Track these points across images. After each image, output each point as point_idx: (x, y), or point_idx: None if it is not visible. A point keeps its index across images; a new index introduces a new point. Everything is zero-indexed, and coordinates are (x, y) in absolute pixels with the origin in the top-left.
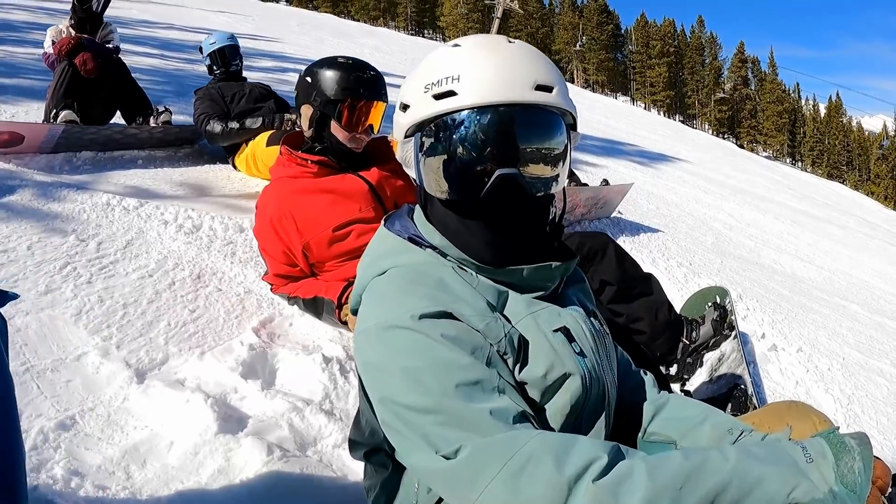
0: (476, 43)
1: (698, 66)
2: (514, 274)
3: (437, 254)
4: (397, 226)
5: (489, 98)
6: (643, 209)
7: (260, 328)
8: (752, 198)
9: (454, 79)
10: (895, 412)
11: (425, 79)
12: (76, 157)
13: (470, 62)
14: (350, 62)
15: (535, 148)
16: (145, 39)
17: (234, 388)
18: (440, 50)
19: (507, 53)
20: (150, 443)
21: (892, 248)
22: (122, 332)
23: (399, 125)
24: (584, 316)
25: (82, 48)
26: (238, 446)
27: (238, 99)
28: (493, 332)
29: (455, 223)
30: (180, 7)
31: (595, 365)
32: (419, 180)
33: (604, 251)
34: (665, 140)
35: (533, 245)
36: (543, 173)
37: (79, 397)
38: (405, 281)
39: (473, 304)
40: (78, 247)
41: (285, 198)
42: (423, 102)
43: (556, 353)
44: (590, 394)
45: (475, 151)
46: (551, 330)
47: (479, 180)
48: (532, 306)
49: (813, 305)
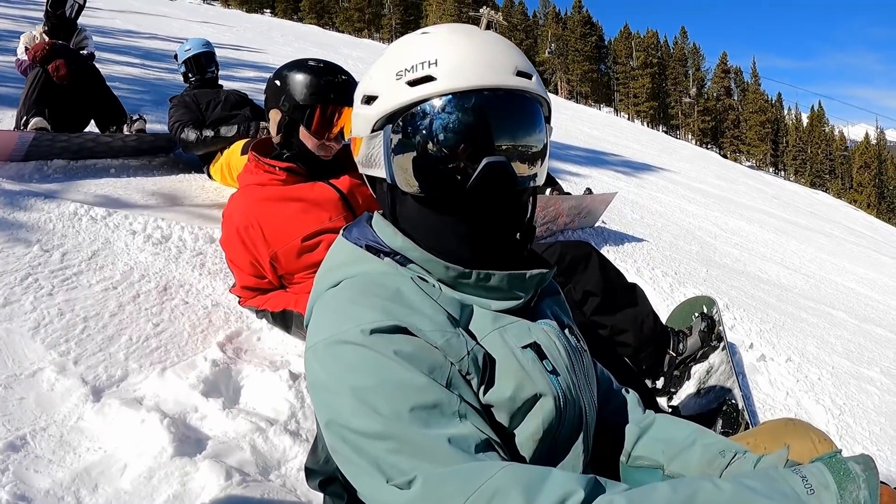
0: (450, 28)
1: (681, 77)
2: (485, 281)
3: (397, 262)
4: (355, 234)
5: (473, 82)
6: (627, 218)
7: (226, 343)
8: (737, 206)
9: (431, 63)
10: (887, 421)
11: (395, 66)
12: (47, 165)
13: (447, 46)
14: (321, 65)
15: (520, 136)
16: (128, 49)
17: (194, 406)
18: (407, 38)
19: (484, 38)
20: (102, 465)
21: (877, 255)
22: (81, 346)
23: (364, 119)
24: (558, 330)
25: (56, 54)
26: (195, 470)
27: (213, 106)
28: (454, 350)
29: (428, 221)
30: (164, 17)
31: (570, 384)
32: (389, 177)
33: (587, 261)
34: (649, 150)
35: (509, 245)
36: (529, 164)
37: (31, 416)
38: (357, 292)
39: (433, 318)
40: (41, 257)
41: (252, 206)
42: (394, 91)
43: (525, 372)
44: (564, 416)
45: (459, 139)
46: (520, 346)
47: (463, 171)
48: (499, 321)
49: (800, 314)
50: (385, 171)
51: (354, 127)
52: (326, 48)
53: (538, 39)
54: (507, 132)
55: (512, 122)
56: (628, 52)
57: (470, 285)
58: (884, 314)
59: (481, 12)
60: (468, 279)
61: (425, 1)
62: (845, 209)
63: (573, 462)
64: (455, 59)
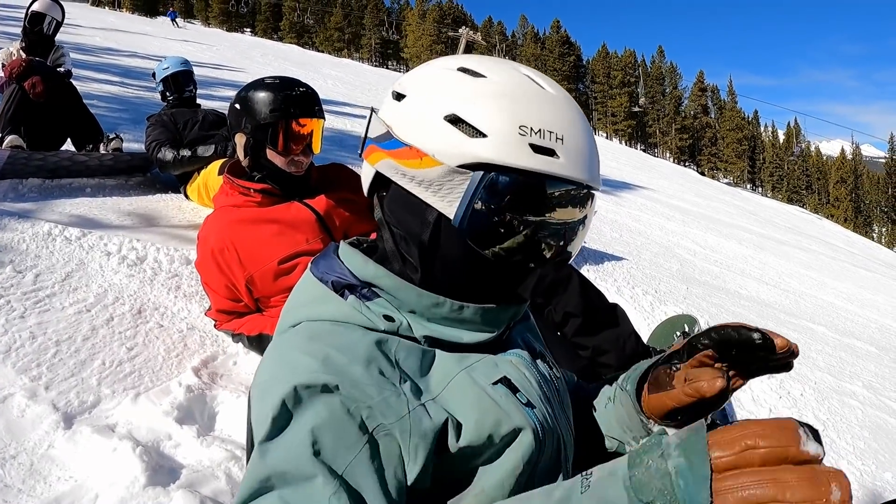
0: (568, 100)
1: (659, 96)
2: (458, 312)
3: (363, 297)
4: (322, 268)
5: (586, 177)
6: (607, 237)
7: (201, 367)
8: (715, 223)
9: (558, 137)
10: (871, 435)
11: (518, 116)
12: (22, 184)
13: (569, 125)
14: (277, 81)
15: (583, 227)
16: (107, 67)
17: (167, 434)
18: (523, 82)
19: (588, 126)
20: (73, 496)
21: (854, 269)
22: (53, 371)
23: (454, 146)
24: (528, 361)
25: (32, 71)
26: (168, 500)
27: (191, 126)
28: (392, 409)
29: (468, 266)
30: (144, 36)
31: (546, 415)
32: (456, 221)
33: (567, 282)
34: (627, 168)
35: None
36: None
37: (1, 443)
38: (307, 338)
39: (373, 375)
40: (14, 279)
41: (227, 228)
42: (515, 146)
43: (500, 408)
44: (544, 448)
45: (556, 227)
46: (490, 384)
47: (539, 249)
48: (464, 361)
49: (781, 330)
50: (455, 213)
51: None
52: (307, 67)
53: (517, 60)
54: (580, 223)
55: (585, 214)
56: (606, 72)
57: (442, 315)
58: (863, 327)
59: (460, 32)
60: (441, 308)
61: (405, 21)
62: (822, 224)
63: None
64: (576, 145)
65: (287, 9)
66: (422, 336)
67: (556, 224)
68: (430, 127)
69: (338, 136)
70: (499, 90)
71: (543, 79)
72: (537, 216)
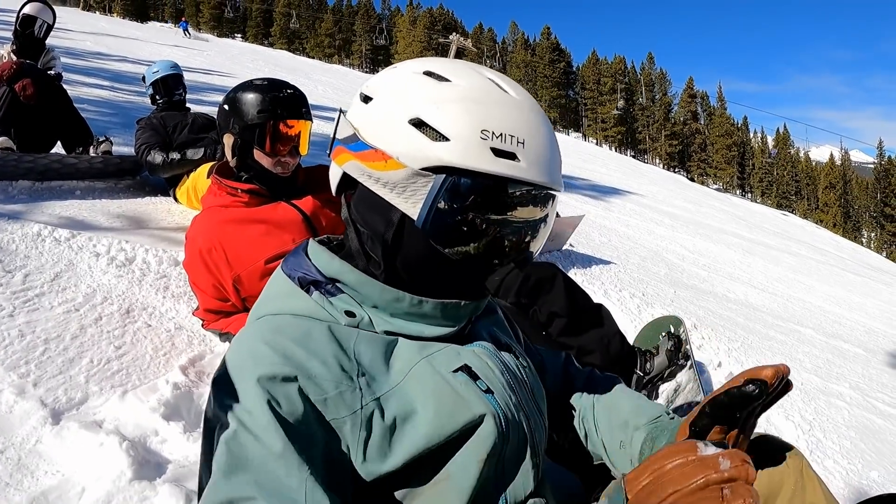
0: (530, 104)
1: (649, 102)
2: (418, 306)
3: (328, 293)
4: (290, 264)
5: (547, 179)
6: (595, 242)
7: (188, 366)
8: (704, 228)
9: (519, 141)
10: (857, 435)
11: (480, 120)
12: (12, 186)
13: (530, 129)
14: (265, 83)
15: (544, 227)
16: (97, 71)
17: (154, 430)
18: (486, 86)
19: (551, 129)
20: (60, 489)
21: (843, 273)
22: (41, 368)
23: (418, 150)
24: (492, 351)
25: (23, 74)
26: (154, 494)
27: (180, 129)
28: (346, 402)
29: (427, 262)
30: (135, 41)
31: (509, 403)
32: (420, 221)
33: (552, 282)
34: (617, 174)
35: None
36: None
37: None
38: (270, 330)
39: (332, 368)
40: (3, 278)
41: (215, 228)
42: (476, 150)
43: (458, 395)
44: (507, 435)
45: (517, 226)
46: (450, 371)
47: (501, 248)
48: (425, 349)
49: (768, 332)
50: (418, 214)
51: (384, 139)
52: (297, 73)
53: (507, 66)
54: (539, 223)
55: (545, 214)
56: (596, 79)
57: (403, 310)
58: (851, 330)
59: (451, 39)
60: (402, 303)
61: (395, 28)
62: (811, 229)
63: (523, 482)
64: (538, 149)
65: (278, 14)
66: (383, 331)
67: (517, 223)
68: (395, 130)
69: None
70: (462, 94)
71: (507, 83)
72: (498, 216)
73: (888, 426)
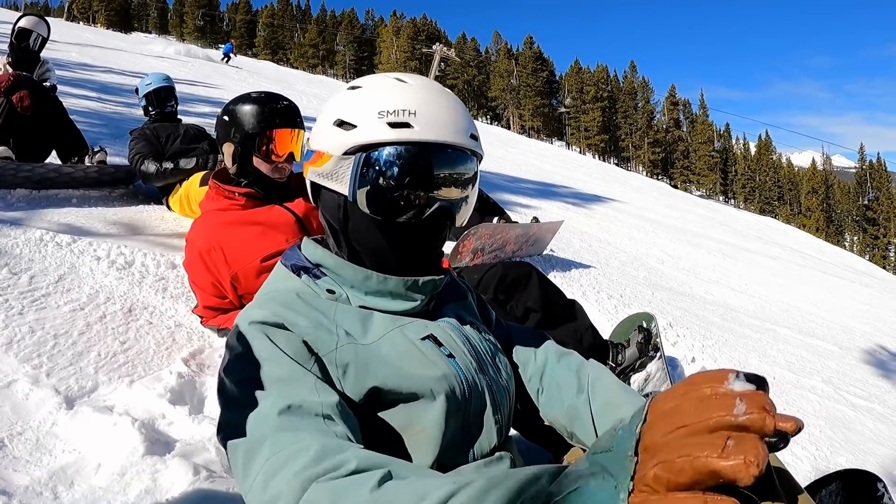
0: (424, 84)
1: (631, 110)
2: (384, 284)
3: (313, 276)
4: (287, 256)
5: (442, 138)
6: (575, 247)
7: (189, 359)
8: (685, 234)
9: (411, 113)
10: (827, 424)
11: (377, 105)
12: (10, 194)
13: (424, 101)
14: (263, 95)
15: (463, 185)
16: (83, 82)
17: (161, 413)
18: (386, 80)
19: (451, 100)
20: (77, 465)
21: (824, 276)
22: (53, 361)
23: (338, 140)
24: (455, 325)
25: (20, 85)
26: (165, 467)
27: (173, 140)
28: (323, 344)
29: (373, 235)
30: (120, 51)
31: (469, 366)
32: (351, 196)
33: (527, 279)
34: (599, 182)
35: (431, 259)
36: (465, 206)
37: (8, 422)
38: (265, 299)
39: (311, 320)
40: (10, 279)
41: (214, 230)
42: (375, 127)
43: (425, 357)
44: (468, 393)
45: (422, 181)
46: (419, 339)
47: (418, 206)
48: (398, 321)
49: (744, 331)
50: (348, 190)
51: (320, 142)
52: (281, 84)
53: (490, 75)
54: (456, 181)
55: (461, 174)
56: (579, 87)
57: (373, 288)
58: (828, 329)
59: (434, 49)
60: (370, 281)
61: (378, 38)
62: (793, 233)
63: (488, 437)
64: (431, 115)
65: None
66: (358, 306)
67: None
68: (325, 133)
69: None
70: (367, 92)
71: (411, 77)
72: (408, 175)
73: (858, 416)
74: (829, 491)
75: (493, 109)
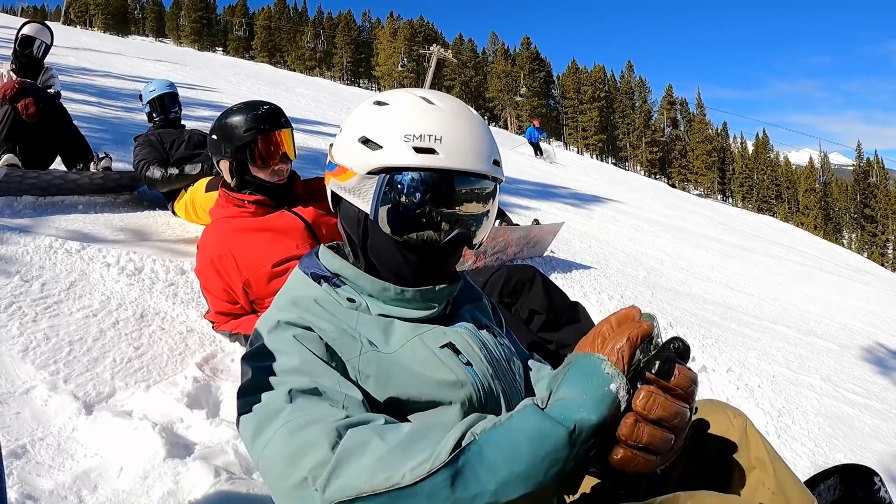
0: (452, 108)
1: (629, 110)
2: (402, 294)
3: (333, 285)
4: (305, 263)
5: (466, 166)
6: (575, 248)
7: (203, 363)
8: (683, 233)
9: (437, 139)
10: (825, 421)
11: (403, 127)
12: (17, 201)
13: (450, 127)
14: (243, 105)
15: (483, 212)
16: (83, 87)
17: (179, 417)
18: (413, 100)
19: (477, 126)
20: (100, 469)
21: (821, 273)
22: (69, 367)
23: (363, 159)
24: (473, 331)
25: (25, 93)
26: (186, 470)
27: (177, 145)
28: (347, 348)
29: (390, 253)
30: (118, 55)
31: (486, 373)
32: (372, 215)
33: (531, 282)
34: (598, 182)
35: (445, 276)
36: (482, 231)
37: (29, 428)
38: (288, 303)
39: (335, 325)
40: (22, 287)
41: (225, 237)
42: (400, 150)
43: (444, 365)
44: (484, 399)
45: (444, 208)
46: (438, 347)
47: (438, 230)
48: (417, 329)
49: (743, 330)
50: (370, 209)
51: (344, 157)
52: (279, 86)
53: (487, 76)
54: (477, 209)
55: (482, 202)
56: (576, 87)
57: (391, 297)
58: (826, 327)
59: (431, 50)
60: (388, 292)
61: (375, 40)
62: (791, 231)
63: None
64: (456, 142)
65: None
66: (377, 314)
67: (448, 204)
68: (350, 148)
69: (312, 155)
70: (394, 112)
71: (439, 98)
72: (430, 200)
73: (857, 413)
74: (828, 485)
75: (490, 110)
